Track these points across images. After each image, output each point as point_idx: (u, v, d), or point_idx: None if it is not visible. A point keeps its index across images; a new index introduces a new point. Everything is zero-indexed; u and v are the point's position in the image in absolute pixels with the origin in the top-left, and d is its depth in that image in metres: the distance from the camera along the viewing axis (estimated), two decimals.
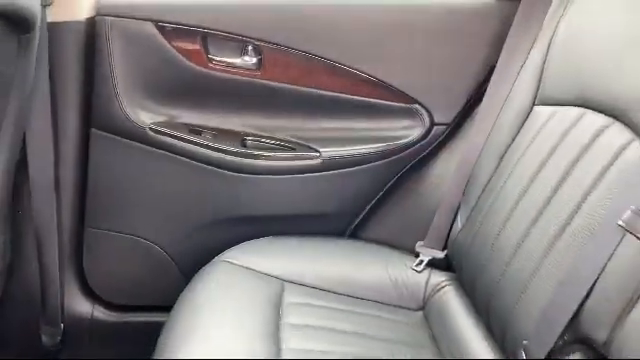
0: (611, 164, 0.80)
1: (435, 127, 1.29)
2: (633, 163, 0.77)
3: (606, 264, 0.71)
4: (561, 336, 0.74)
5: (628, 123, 0.81)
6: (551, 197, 0.88)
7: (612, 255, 0.71)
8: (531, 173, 0.95)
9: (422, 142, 1.29)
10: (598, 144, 0.85)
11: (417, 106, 1.28)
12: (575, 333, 0.74)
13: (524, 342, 0.80)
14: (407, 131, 1.29)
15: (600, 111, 0.87)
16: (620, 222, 0.69)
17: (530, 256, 0.87)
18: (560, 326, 0.74)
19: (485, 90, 1.21)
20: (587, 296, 0.72)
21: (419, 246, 1.23)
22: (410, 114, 1.29)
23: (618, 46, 0.89)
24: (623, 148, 0.79)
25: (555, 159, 0.92)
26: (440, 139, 1.30)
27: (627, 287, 0.69)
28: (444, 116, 1.29)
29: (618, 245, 0.70)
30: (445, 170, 1.27)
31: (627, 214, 0.69)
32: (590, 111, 0.90)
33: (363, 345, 0.99)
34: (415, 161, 1.31)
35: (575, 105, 0.93)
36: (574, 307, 0.73)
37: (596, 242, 0.74)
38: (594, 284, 0.72)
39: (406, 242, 1.26)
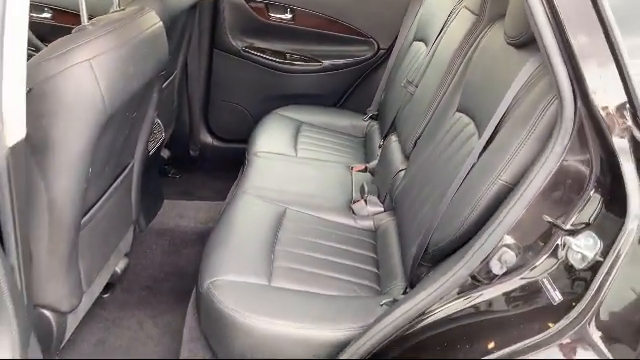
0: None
1: (380, 50, 2.57)
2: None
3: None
4: None
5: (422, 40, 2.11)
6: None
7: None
8: (405, 67, 2.24)
9: (373, 58, 2.58)
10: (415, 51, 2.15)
11: (371, 39, 2.56)
12: None
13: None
14: (366, 52, 2.58)
15: (421, 41, 2.15)
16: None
17: (395, 102, 2.19)
18: None
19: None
20: None
21: (367, 110, 2.55)
22: (367, 43, 2.57)
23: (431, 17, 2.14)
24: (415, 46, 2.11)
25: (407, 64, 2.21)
26: (382, 58, 2.58)
27: None
28: (384, 45, 2.56)
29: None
30: (382, 72, 2.56)
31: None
32: (420, 42, 2.17)
33: (332, 142, 2.34)
34: (370, 69, 2.61)
35: (417, 40, 2.21)
36: None
37: None
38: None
39: (362, 108, 2.58)
